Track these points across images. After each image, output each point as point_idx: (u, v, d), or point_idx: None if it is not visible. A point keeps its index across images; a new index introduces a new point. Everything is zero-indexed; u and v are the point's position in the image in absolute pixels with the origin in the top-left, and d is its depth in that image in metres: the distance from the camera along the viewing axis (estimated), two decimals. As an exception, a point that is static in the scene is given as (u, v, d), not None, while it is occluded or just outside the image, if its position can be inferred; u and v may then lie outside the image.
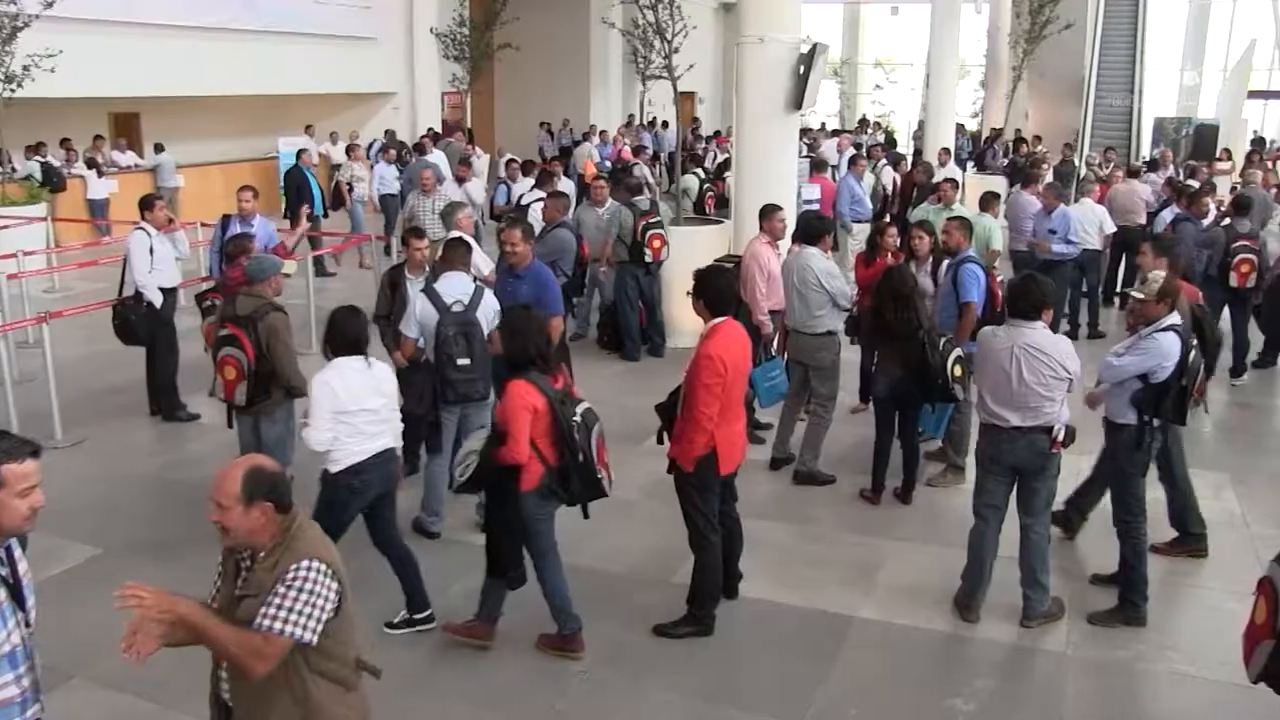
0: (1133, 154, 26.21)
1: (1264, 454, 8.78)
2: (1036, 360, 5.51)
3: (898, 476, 7.52)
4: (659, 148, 24.75)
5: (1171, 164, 18.73)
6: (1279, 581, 3.36)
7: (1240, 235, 10.24)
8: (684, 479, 5.60)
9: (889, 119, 39.22)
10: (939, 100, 22.19)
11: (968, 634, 5.83)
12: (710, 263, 6.27)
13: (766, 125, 10.29)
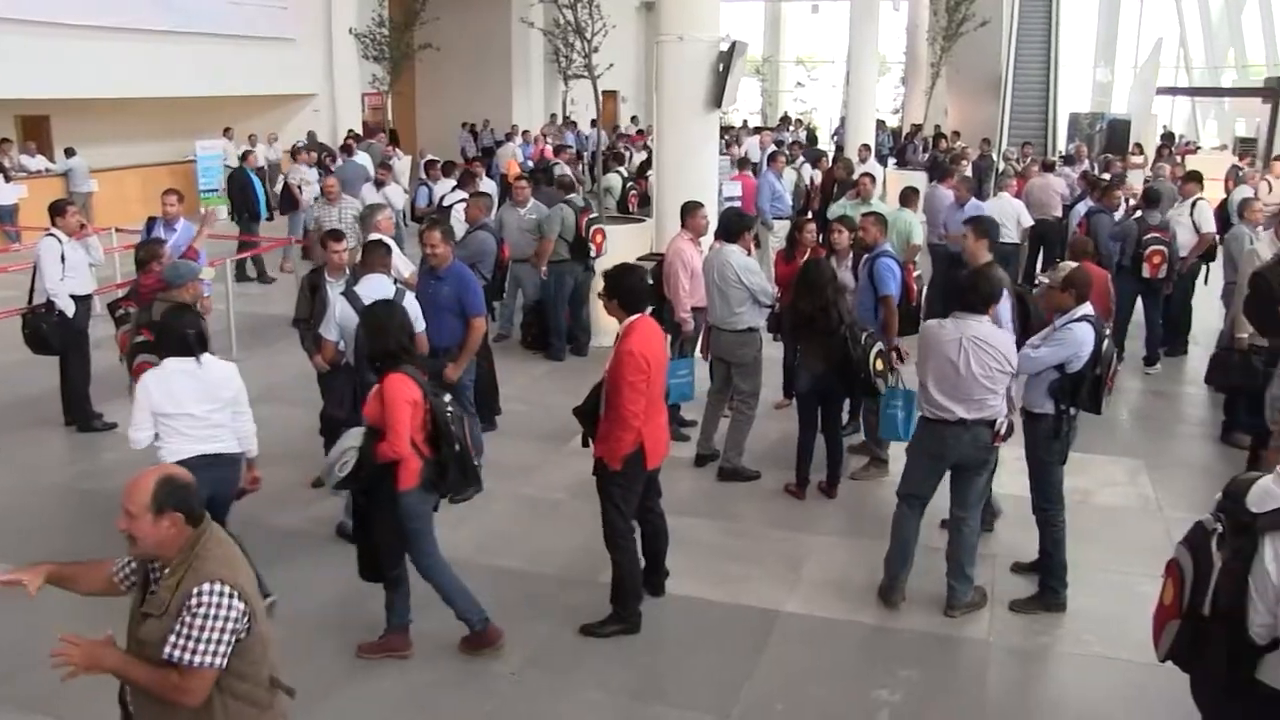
0: (1049, 149, 26.71)
1: (1176, 440, 9.00)
2: (984, 353, 5.57)
3: (822, 471, 7.56)
4: (582, 147, 24.71)
5: (1087, 158, 19.15)
6: (1185, 564, 3.41)
7: (1151, 227, 10.47)
8: (610, 479, 5.57)
9: (811, 116, 39.59)
10: (859, 97, 22.45)
11: (893, 625, 5.89)
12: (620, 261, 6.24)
13: (687, 123, 10.32)
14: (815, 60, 45.10)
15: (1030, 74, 30.55)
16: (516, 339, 11.68)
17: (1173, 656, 3.50)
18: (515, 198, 11.48)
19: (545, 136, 24.74)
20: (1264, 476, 3.36)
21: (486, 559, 6.57)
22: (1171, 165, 16.16)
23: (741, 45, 10.36)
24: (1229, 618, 3.25)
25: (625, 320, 5.55)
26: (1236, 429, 8.70)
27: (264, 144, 22.30)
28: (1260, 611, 3.19)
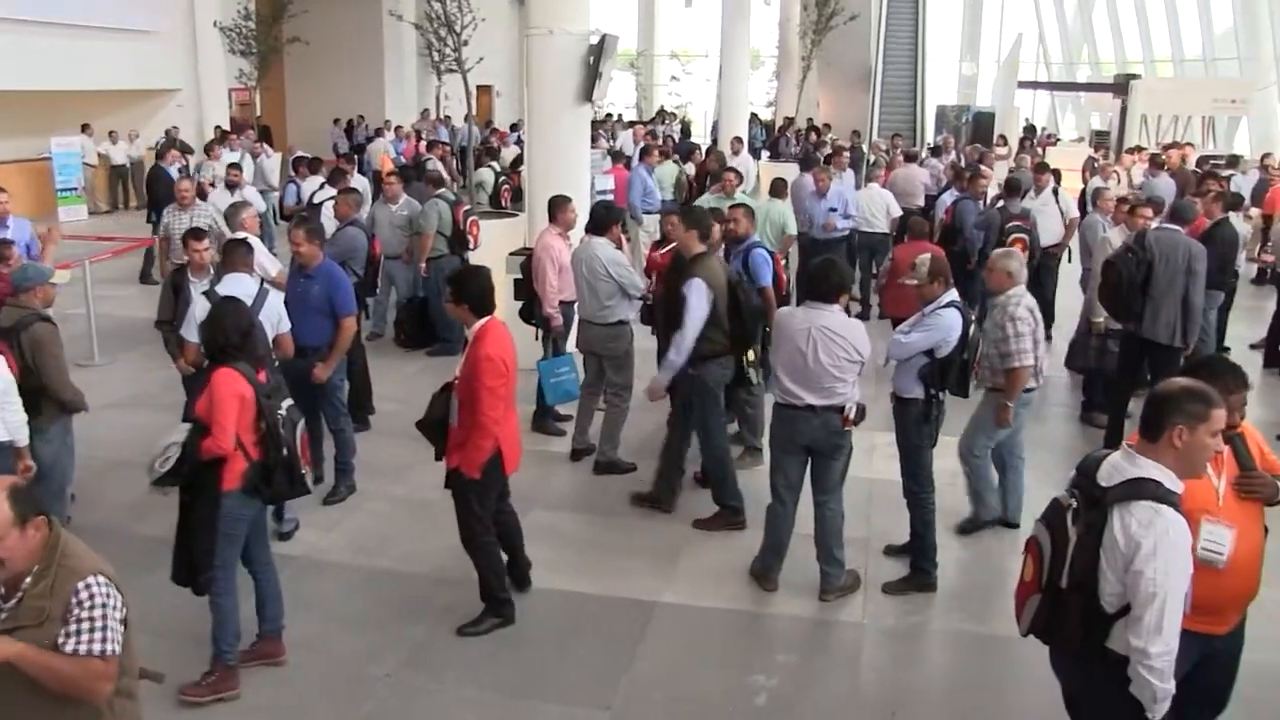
0: (918, 140, 27.36)
1: (1040, 421, 9.23)
2: (832, 342, 5.65)
3: (698, 461, 7.58)
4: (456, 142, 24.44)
5: (954, 149, 19.64)
6: (1043, 540, 3.52)
7: (1013, 215, 10.80)
8: (468, 487, 5.48)
9: (686, 110, 39.82)
10: (732, 91, 22.64)
11: (768, 611, 5.95)
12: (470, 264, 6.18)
13: (558, 117, 10.26)
14: (690, 54, 45.35)
15: (899, 68, 31.29)
16: (390, 337, 11.50)
17: (1034, 630, 3.60)
18: (387, 194, 11.31)
19: (419, 132, 24.39)
20: (1113, 453, 3.47)
21: (361, 560, 6.48)
22: (1032, 156, 16.69)
23: (612, 39, 10.34)
24: (1083, 589, 3.36)
25: (475, 324, 5.44)
26: (1095, 409, 9.03)
27: (125, 140, 21.54)
28: (1110, 581, 3.30)
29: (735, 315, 6.86)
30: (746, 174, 16.21)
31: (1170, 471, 3.35)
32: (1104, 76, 34.65)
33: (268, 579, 5.32)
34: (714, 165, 15.00)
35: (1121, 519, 3.28)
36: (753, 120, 28.07)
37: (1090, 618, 3.38)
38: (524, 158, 13.51)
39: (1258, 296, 13.06)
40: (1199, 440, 3.35)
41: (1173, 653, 3.26)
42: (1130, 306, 7.93)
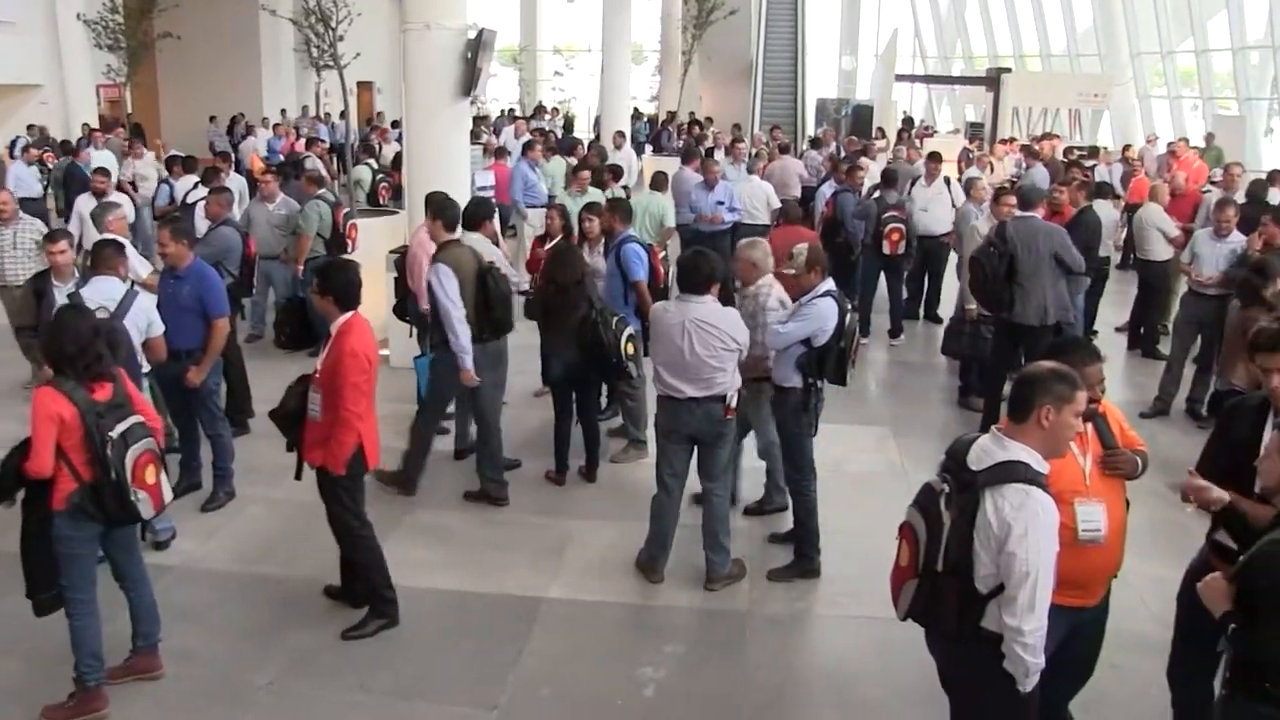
0: (799, 133, 27.70)
1: (920, 406, 9.49)
2: (707, 333, 5.69)
3: (582, 456, 7.60)
4: (335, 139, 24.01)
5: (834, 141, 19.95)
6: (917, 525, 3.58)
7: (890, 206, 11.03)
8: (335, 483, 5.39)
9: (569, 105, 39.71)
10: (614, 85, 22.65)
11: (655, 602, 5.97)
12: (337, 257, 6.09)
13: (437, 113, 10.13)
14: (573, 49, 45.23)
15: (779, 61, 31.65)
16: (270, 339, 11.24)
17: (911, 614, 3.67)
18: (263, 192, 11.05)
19: (297, 129, 23.88)
20: (982, 436, 3.55)
21: (241, 567, 6.33)
22: (908, 148, 17.04)
23: (490, 33, 10.25)
24: (958, 572, 3.43)
25: (339, 318, 5.37)
26: (971, 393, 9.27)
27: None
28: (984, 563, 3.38)
29: (484, 303, 6.90)
30: (630, 169, 16.27)
31: (1037, 453, 3.44)
32: (977, 70, 35.61)
33: (140, 594, 5.12)
34: (594, 160, 14.98)
35: (994, 502, 3.36)
36: (636, 115, 28.16)
37: (965, 599, 3.45)
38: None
39: (1122, 281, 13.53)
40: (1064, 420, 3.45)
41: (1044, 629, 3.36)
42: (999, 296, 8.19)
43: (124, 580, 5.09)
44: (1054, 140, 20.62)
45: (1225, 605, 3.38)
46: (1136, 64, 29.74)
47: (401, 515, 6.96)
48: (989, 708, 3.62)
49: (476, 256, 7.05)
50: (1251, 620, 3.28)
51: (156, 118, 27.97)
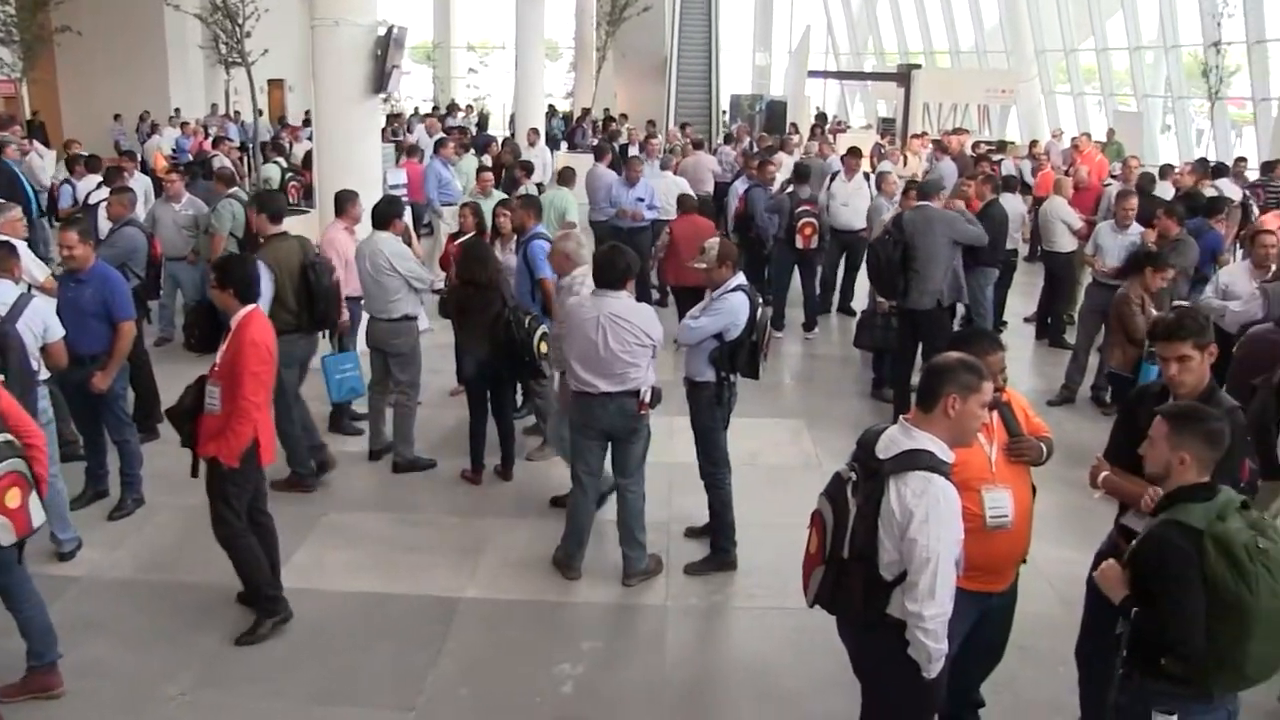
0: (713, 129, 27.85)
1: (833, 398, 9.60)
2: (621, 328, 5.70)
3: (497, 454, 7.58)
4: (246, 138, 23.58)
5: (747, 137, 20.08)
6: (826, 513, 3.64)
7: (802, 201, 11.16)
8: (224, 477, 5.30)
9: (484, 102, 39.48)
10: (528, 82, 22.56)
11: (573, 600, 5.98)
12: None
13: (347, 110, 10.03)
14: (488, 46, 44.97)
15: (693, 58, 31.77)
16: (180, 341, 11.00)
17: (819, 600, 3.72)
18: (169, 192, 10.82)
19: (205, 128, 23.39)
20: (891, 426, 3.61)
21: (150, 575, 6.20)
22: (820, 143, 17.23)
23: (401, 30, 10.17)
24: (864, 558, 3.49)
25: (239, 311, 5.32)
26: (884, 385, 9.41)
27: None
28: (888, 549, 3.44)
29: (307, 296, 6.99)
30: (544, 166, 16.22)
31: (943, 442, 3.50)
32: (888, 66, 36.07)
33: (29, 612, 4.91)
34: (507, 158, 14.93)
35: (897, 489, 3.42)
36: (552, 112, 28.09)
37: (871, 586, 3.50)
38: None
39: (1030, 273, 13.83)
40: (970, 410, 3.52)
41: (946, 615, 3.42)
42: (893, 283, 8.38)
43: (8, 600, 4.89)
44: (963, 135, 20.95)
45: (1123, 590, 3.49)
46: (1041, 61, 30.42)
47: (317, 517, 6.88)
48: (897, 693, 3.68)
49: (303, 249, 7.08)
50: (1146, 602, 3.39)
51: (57, 115, 27.13)
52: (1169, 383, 4.28)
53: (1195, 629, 3.25)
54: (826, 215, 11.69)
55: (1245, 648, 3.26)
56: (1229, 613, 3.23)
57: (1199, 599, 3.25)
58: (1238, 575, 3.22)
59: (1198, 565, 3.26)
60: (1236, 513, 3.34)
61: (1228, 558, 3.23)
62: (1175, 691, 3.43)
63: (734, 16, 38.12)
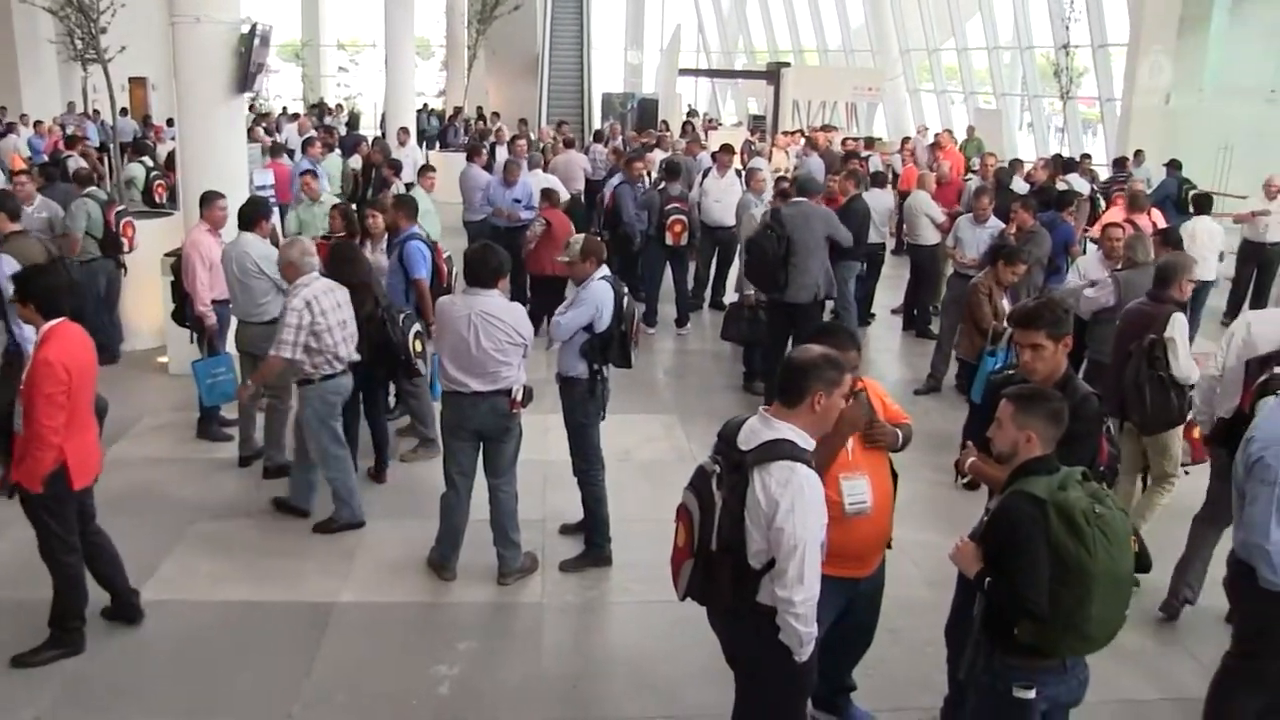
0: (585, 127, 27.89)
1: (706, 393, 9.72)
2: (493, 326, 5.70)
3: (371, 456, 7.51)
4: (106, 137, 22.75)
5: (620, 135, 20.18)
6: (692, 506, 3.69)
7: (672, 198, 11.27)
8: (32, 502, 5.06)
9: (354, 101, 38.87)
10: (398, 81, 22.30)
11: (448, 600, 5.95)
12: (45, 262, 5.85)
13: (210, 110, 9.75)
14: (358, 44, 44.29)
15: (565, 56, 31.81)
16: (33, 349, 10.62)
17: (690, 593, 3.77)
18: (20, 194, 10.39)
19: (63, 126, 22.50)
20: (751, 418, 3.69)
21: (6, 593, 5.95)
22: (689, 141, 17.43)
23: (265, 27, 9.95)
24: (731, 549, 3.55)
25: (44, 326, 5.01)
26: (755, 378, 9.57)
27: None
28: (755, 539, 3.50)
29: None
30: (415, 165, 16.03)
31: (803, 432, 3.59)
32: (758, 65, 36.61)
33: None
34: (378, 157, 14.74)
35: (761, 480, 3.48)
36: (427, 111, 27.80)
37: (740, 576, 3.57)
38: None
39: (897, 266, 14.18)
40: (834, 403, 3.62)
41: (814, 599, 3.50)
42: (775, 278, 8.54)
43: None
44: (831, 132, 21.43)
45: (977, 565, 3.64)
46: (906, 60, 31.27)
47: (185, 526, 6.72)
48: (770, 679, 3.76)
49: (44, 247, 6.98)
50: (998, 574, 3.54)
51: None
52: (1023, 369, 4.44)
53: (1042, 591, 3.42)
54: (698, 212, 11.84)
55: (1087, 610, 3.44)
56: (1071, 576, 3.41)
57: (1044, 563, 3.41)
58: (1078, 539, 3.40)
59: (1043, 531, 3.42)
60: (1076, 483, 3.52)
61: (1068, 524, 3.41)
62: (1030, 665, 3.59)
63: (606, 15, 38.32)
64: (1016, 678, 3.61)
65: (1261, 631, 4.31)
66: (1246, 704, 4.41)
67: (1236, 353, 5.67)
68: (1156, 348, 6.08)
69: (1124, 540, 3.51)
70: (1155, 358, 6.07)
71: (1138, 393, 6.09)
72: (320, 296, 6.44)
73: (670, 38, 32.40)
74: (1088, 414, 4.26)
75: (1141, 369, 6.08)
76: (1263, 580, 4.12)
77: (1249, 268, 12.50)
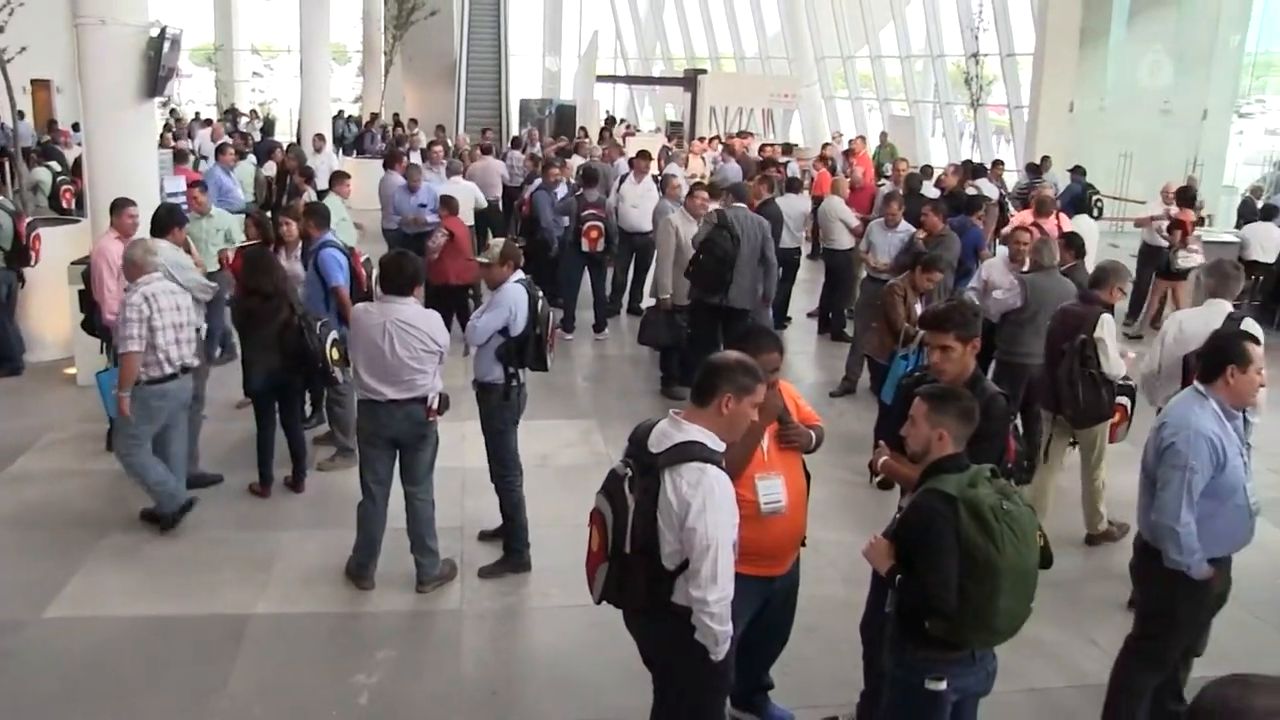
0: (503, 133, 27.82)
1: (624, 398, 9.76)
2: (408, 334, 5.69)
3: (288, 466, 7.43)
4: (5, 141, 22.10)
5: (538, 142, 20.17)
6: (605, 510, 3.73)
7: (589, 204, 11.32)
8: None
9: (269, 107, 38.27)
10: (314, 87, 22.03)
11: (367, 610, 5.92)
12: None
13: (118, 115, 9.55)
14: (272, 49, 43.56)
15: (483, 62, 31.67)
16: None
17: (606, 596, 3.81)
18: (-82, 203, 10.12)
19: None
20: (662, 420, 3.74)
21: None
22: (609, 147, 17.49)
23: (175, 31, 9.78)
24: (645, 551, 3.59)
25: None
26: (674, 382, 9.64)
27: None
28: (669, 540, 3.55)
29: None
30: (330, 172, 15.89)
31: (713, 434, 3.64)
32: (676, 71, 36.80)
33: None
34: (292, 164, 14.58)
35: (673, 481, 3.52)
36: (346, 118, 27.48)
37: (654, 577, 3.60)
38: (83, 159, 12.54)
39: (813, 270, 14.37)
40: (743, 409, 3.67)
41: (728, 598, 3.55)
42: (724, 278, 8.65)
43: None
44: (748, 138, 21.62)
45: (889, 561, 3.73)
46: (821, 67, 31.66)
47: (94, 541, 6.58)
48: (688, 678, 3.80)
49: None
50: (909, 571, 3.64)
51: None
52: (933, 369, 4.58)
53: (952, 587, 3.52)
54: (615, 218, 11.91)
55: (996, 604, 3.54)
56: (980, 570, 3.51)
57: (954, 560, 3.51)
58: (987, 536, 3.50)
59: (954, 528, 3.52)
60: (985, 480, 3.63)
61: (977, 520, 3.52)
62: (942, 657, 3.70)
63: (523, 21, 38.22)
64: (928, 670, 3.71)
65: (1165, 613, 4.51)
66: (1147, 684, 4.60)
67: (1170, 349, 6.14)
68: (1088, 347, 6.55)
69: (1030, 536, 3.62)
70: (1087, 356, 6.55)
71: (1071, 389, 6.57)
72: (159, 295, 6.42)
73: (588, 44, 32.44)
74: (995, 413, 4.39)
75: (1074, 367, 6.55)
76: (1168, 561, 4.30)
77: (1148, 270, 12.88)
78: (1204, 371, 4.45)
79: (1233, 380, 4.33)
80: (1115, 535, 6.87)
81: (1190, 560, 4.27)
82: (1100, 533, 6.95)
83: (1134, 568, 4.68)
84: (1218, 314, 6.27)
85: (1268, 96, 24.43)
